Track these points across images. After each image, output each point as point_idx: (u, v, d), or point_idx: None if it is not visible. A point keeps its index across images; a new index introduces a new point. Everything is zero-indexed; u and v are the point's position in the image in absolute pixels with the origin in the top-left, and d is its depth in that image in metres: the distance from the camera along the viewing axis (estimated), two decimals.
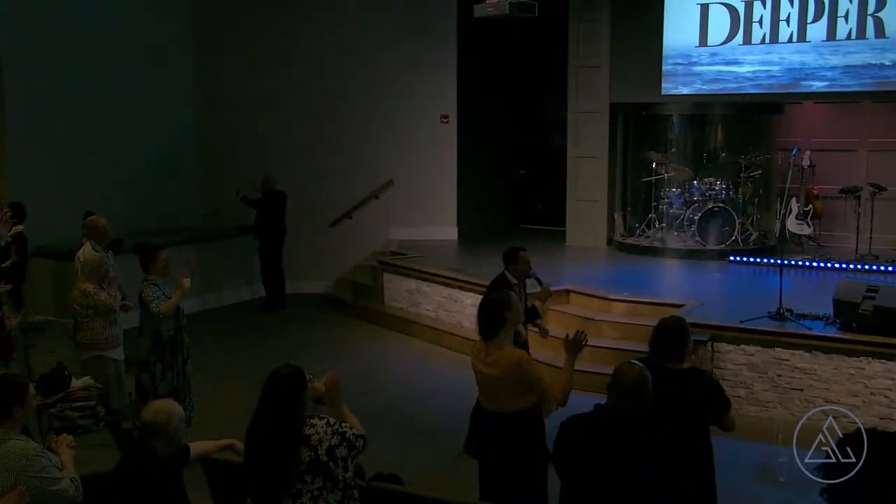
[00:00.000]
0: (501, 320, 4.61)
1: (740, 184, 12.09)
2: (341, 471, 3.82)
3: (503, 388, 4.54)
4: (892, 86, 11.05)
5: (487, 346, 4.63)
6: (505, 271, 6.83)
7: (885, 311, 7.33)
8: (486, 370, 4.61)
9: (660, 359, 4.28)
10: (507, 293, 4.91)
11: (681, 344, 4.32)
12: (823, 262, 10.95)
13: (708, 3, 11.97)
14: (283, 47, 13.04)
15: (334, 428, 3.85)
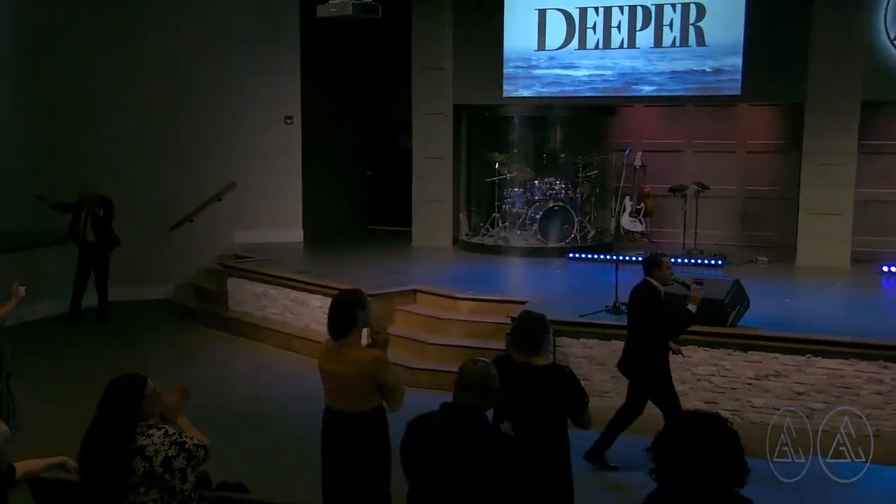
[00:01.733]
0: (353, 319, 4.59)
1: (578, 183, 12.59)
2: (179, 482, 3.74)
3: (354, 387, 4.53)
4: (712, 91, 11.83)
5: (338, 345, 4.60)
6: (648, 279, 6.56)
7: (710, 302, 7.82)
8: (335, 369, 4.58)
9: (518, 354, 4.34)
10: (359, 292, 4.85)
11: (541, 339, 4.38)
12: None
13: (545, 9, 12.39)
14: (120, 48, 12.39)
15: (172, 438, 3.77)
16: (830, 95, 11.10)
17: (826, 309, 9.07)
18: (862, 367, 7.36)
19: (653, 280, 6.53)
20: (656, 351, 6.54)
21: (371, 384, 4.51)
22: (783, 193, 12.47)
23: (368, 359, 4.55)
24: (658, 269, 6.52)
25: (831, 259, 11.13)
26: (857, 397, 7.35)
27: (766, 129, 13.04)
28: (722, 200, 12.79)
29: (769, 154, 12.92)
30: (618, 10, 12.07)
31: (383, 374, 4.53)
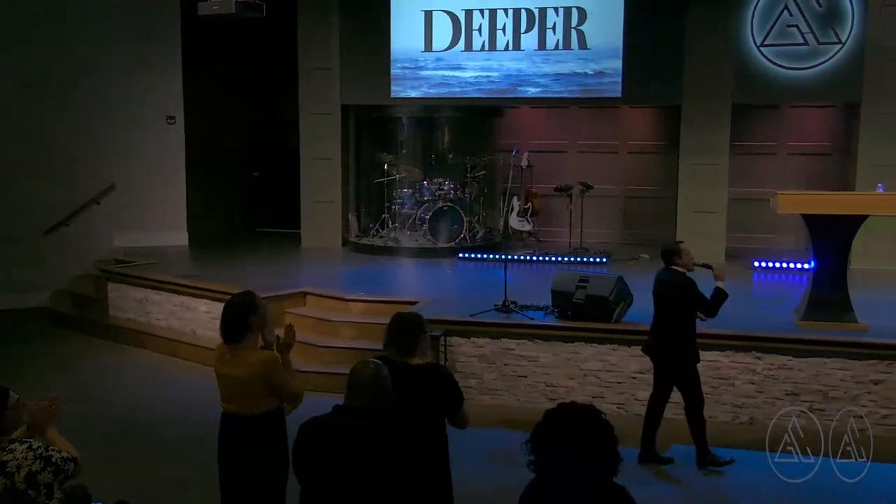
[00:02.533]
0: (246, 324, 4.53)
1: (467, 184, 12.73)
2: (44, 498, 3.60)
3: (248, 390, 4.48)
4: (594, 93, 12.16)
5: (232, 350, 4.54)
6: (673, 267, 6.69)
7: (595, 299, 8.05)
8: (230, 372, 4.51)
9: (395, 354, 4.37)
10: (253, 296, 4.75)
11: (416, 339, 4.41)
12: (542, 256, 11.81)
13: (431, 11, 12.46)
14: None
15: (37, 452, 3.62)
16: (704, 98, 11.59)
17: None
18: (737, 358, 7.71)
19: (678, 268, 6.69)
20: (689, 337, 6.71)
21: (265, 386, 4.47)
22: (662, 192, 12.95)
23: (261, 360, 4.50)
24: (679, 256, 6.69)
25: (707, 255, 11.56)
26: (732, 387, 7.69)
27: (646, 130, 13.52)
28: (605, 199, 13.18)
29: (649, 154, 13.39)
30: (503, 13, 12.26)
31: (278, 376, 4.49)
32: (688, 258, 6.70)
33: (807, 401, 7.50)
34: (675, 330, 6.68)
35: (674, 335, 6.68)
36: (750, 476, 6.51)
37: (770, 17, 11.38)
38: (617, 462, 2.95)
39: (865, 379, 7.38)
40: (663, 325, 6.76)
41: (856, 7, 11.12)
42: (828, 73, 11.30)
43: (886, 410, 7.36)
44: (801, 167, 12.46)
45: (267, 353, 4.60)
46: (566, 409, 3.03)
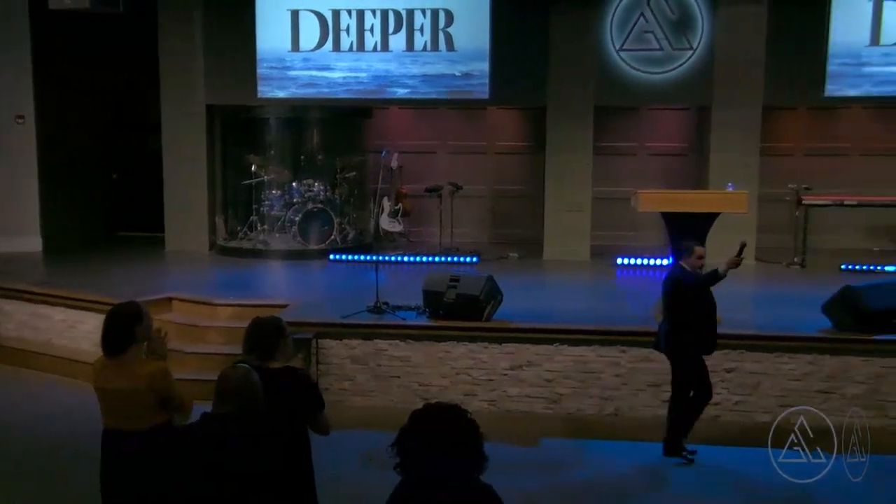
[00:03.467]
0: (131, 335, 4.33)
1: (337, 185, 12.63)
2: None
3: (137, 404, 4.26)
4: (462, 94, 12.31)
5: (116, 362, 4.31)
6: (680, 263, 6.77)
7: (466, 298, 8.15)
8: (112, 386, 4.28)
9: (253, 359, 4.29)
10: (137, 305, 4.54)
11: (275, 343, 4.35)
12: (413, 257, 11.86)
13: (298, 10, 12.30)
14: None
15: None
16: (568, 100, 11.93)
17: (571, 300, 9.72)
18: (603, 352, 7.97)
19: (685, 265, 6.77)
20: (689, 330, 6.72)
21: (154, 398, 4.27)
22: (530, 192, 13.24)
23: (150, 372, 4.29)
24: (689, 256, 6.76)
25: (574, 253, 11.97)
26: (598, 380, 7.94)
27: (514, 130, 13.79)
28: (475, 199, 13.37)
29: (517, 155, 13.67)
30: (370, 14, 12.24)
31: (167, 387, 4.30)
32: (697, 261, 6.77)
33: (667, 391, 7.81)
34: (670, 321, 6.81)
35: (669, 327, 6.82)
36: None
37: (627, 23, 11.84)
38: (483, 461, 2.98)
39: (719, 368, 7.76)
40: (665, 317, 6.91)
41: (705, 15, 11.70)
42: (682, 78, 11.84)
43: (738, 397, 7.77)
44: (660, 167, 13.01)
45: (156, 364, 4.39)
46: (431, 410, 3.04)
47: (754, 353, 7.77)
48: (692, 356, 6.72)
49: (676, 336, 6.72)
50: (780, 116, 12.79)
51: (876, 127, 12.85)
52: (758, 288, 10.70)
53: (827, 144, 12.91)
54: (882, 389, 7.56)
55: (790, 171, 12.20)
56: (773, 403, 7.69)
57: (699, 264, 6.76)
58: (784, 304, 9.13)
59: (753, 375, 7.75)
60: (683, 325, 6.68)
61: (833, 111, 12.84)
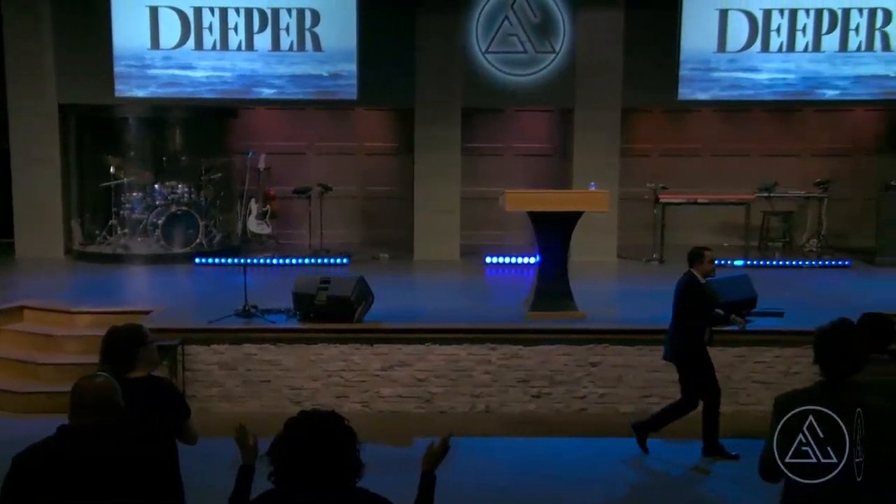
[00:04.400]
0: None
1: (202, 186, 12.30)
2: None
3: None
4: (330, 95, 12.23)
5: None
6: (691, 270, 6.68)
7: (337, 300, 8.10)
8: None
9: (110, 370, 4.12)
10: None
11: (133, 352, 4.20)
12: (283, 259, 11.69)
13: (157, 7, 11.89)
14: None
15: None
16: (436, 102, 12.04)
17: (441, 299, 9.81)
18: (473, 350, 8.09)
19: (695, 272, 6.72)
20: (696, 337, 6.68)
21: None
22: (400, 192, 13.28)
23: None
24: (700, 262, 6.72)
25: (444, 253, 12.09)
26: (470, 378, 8.06)
27: (383, 131, 13.80)
28: (344, 201, 13.29)
29: (386, 156, 13.69)
30: (234, 12, 11.97)
31: None
32: (709, 266, 6.78)
33: (536, 386, 8.03)
34: (675, 326, 6.84)
35: (673, 331, 6.85)
36: None
37: (492, 26, 12.05)
38: (359, 468, 2.98)
39: (585, 362, 8.03)
40: (672, 326, 6.90)
41: (566, 19, 12.06)
42: (546, 81, 12.16)
43: (603, 390, 8.05)
44: (527, 167, 13.31)
45: None
46: (307, 417, 3.02)
47: (617, 346, 8.07)
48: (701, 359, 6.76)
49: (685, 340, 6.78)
50: (638, 118, 13.33)
51: (725, 129, 13.58)
52: (619, 284, 11.12)
53: (681, 145, 13.55)
54: (733, 377, 8.00)
55: (648, 171, 12.73)
56: (636, 395, 8.01)
57: (710, 269, 6.79)
58: (644, 299, 9.51)
59: (616, 368, 8.05)
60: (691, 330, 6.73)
61: (686, 114, 13.50)
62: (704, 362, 6.73)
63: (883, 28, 12.18)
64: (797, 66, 12.31)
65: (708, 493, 6.32)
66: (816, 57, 12.27)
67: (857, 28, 12.20)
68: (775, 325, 8.23)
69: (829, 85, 12.35)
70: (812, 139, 13.54)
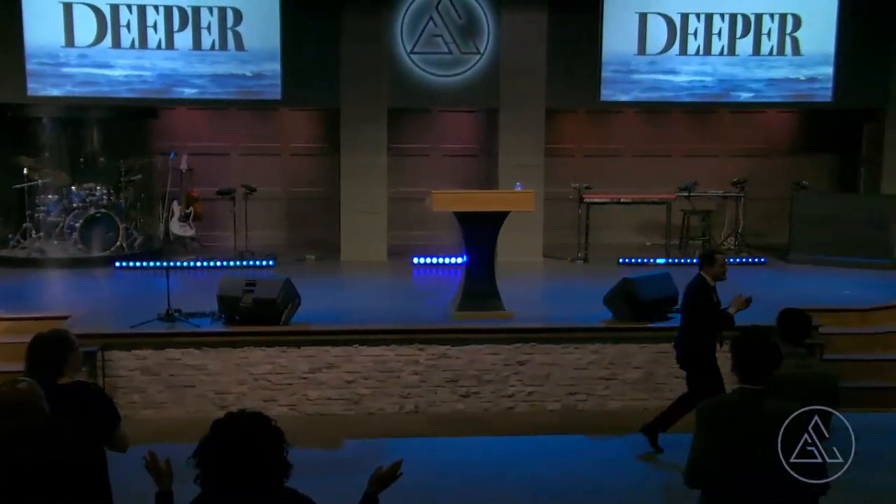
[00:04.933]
0: None
1: (122, 188, 12.01)
2: None
3: None
4: (254, 95, 12.07)
5: None
6: (701, 273, 6.64)
7: (263, 302, 8.00)
8: None
9: (39, 377, 4.01)
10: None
11: (62, 358, 4.10)
12: (207, 261, 11.50)
13: (72, 3, 11.55)
14: None
15: None
16: (361, 102, 11.99)
17: (369, 300, 9.79)
18: (402, 350, 8.09)
19: (706, 275, 6.68)
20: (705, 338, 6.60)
21: None
22: (326, 193, 13.19)
23: None
24: (711, 265, 6.68)
25: (371, 253, 12.06)
26: (398, 379, 8.06)
27: (308, 131, 13.68)
28: (270, 202, 13.13)
29: (312, 156, 13.57)
30: (153, 10, 11.71)
31: None
32: (720, 269, 6.72)
33: (464, 385, 8.07)
34: (685, 328, 6.82)
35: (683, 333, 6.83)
36: None
37: (417, 27, 12.07)
38: (287, 468, 2.97)
39: (513, 361, 8.11)
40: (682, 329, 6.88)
41: (490, 21, 12.15)
42: (471, 81, 12.23)
43: (531, 388, 8.14)
44: (453, 167, 13.36)
45: None
46: (234, 418, 3.00)
47: (544, 345, 8.17)
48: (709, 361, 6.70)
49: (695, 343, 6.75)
50: (563, 119, 13.52)
51: (646, 130, 13.88)
52: (545, 283, 11.27)
53: (604, 146, 13.79)
54: (657, 373, 8.19)
55: (572, 171, 12.91)
56: (563, 392, 8.13)
57: (722, 272, 6.75)
58: (570, 298, 9.67)
59: (544, 367, 8.15)
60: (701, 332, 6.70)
61: (608, 115, 13.74)
62: (712, 365, 6.68)
63: (793, 33, 12.63)
64: (714, 68, 12.66)
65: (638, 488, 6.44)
66: (731, 60, 12.65)
67: (769, 33, 12.62)
68: None
69: (744, 87, 12.75)
70: (729, 140, 13.94)
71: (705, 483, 3.66)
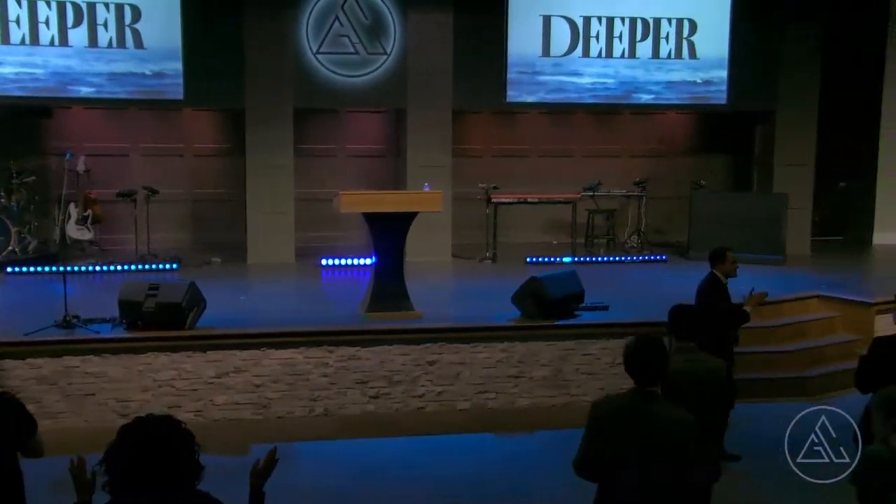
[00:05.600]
0: None
1: (13, 190, 11.51)
2: None
3: None
4: (154, 94, 11.75)
5: None
6: (714, 271, 6.72)
7: (167, 306, 7.79)
8: None
9: None
10: None
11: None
12: (107, 266, 11.13)
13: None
14: None
15: None
16: (267, 102, 11.82)
17: (277, 302, 9.65)
18: (311, 353, 8.00)
19: (717, 273, 6.76)
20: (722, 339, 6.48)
21: None
22: (231, 195, 12.95)
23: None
24: (721, 262, 6.77)
25: (278, 255, 11.90)
26: (307, 382, 7.97)
27: (213, 132, 13.40)
28: (173, 204, 12.81)
29: (216, 157, 13.30)
30: (44, 5, 11.27)
31: None
32: (731, 266, 6.82)
33: (374, 387, 8.04)
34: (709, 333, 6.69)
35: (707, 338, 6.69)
36: None
37: (323, 27, 11.97)
38: (199, 469, 2.96)
39: (423, 361, 8.12)
40: None
41: (396, 21, 12.15)
42: (378, 82, 12.21)
43: (441, 388, 8.17)
44: (361, 168, 13.31)
45: None
46: (142, 422, 2.97)
47: (453, 344, 8.21)
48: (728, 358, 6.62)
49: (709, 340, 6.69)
50: (470, 120, 13.63)
51: (552, 131, 14.11)
52: (455, 283, 11.33)
53: (511, 146, 13.96)
54: (564, 370, 8.33)
55: (480, 172, 13.03)
56: (472, 391, 8.19)
57: (733, 269, 6.84)
58: (479, 297, 9.75)
59: (453, 366, 8.19)
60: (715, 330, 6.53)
61: (515, 116, 13.92)
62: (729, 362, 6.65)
63: (689, 38, 13.05)
64: (615, 71, 12.98)
65: (547, 484, 6.54)
66: (632, 63, 12.98)
67: (667, 37, 13.01)
68: (601, 318, 8.63)
69: (644, 89, 13.11)
70: (631, 141, 14.30)
71: (592, 477, 3.82)
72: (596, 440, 3.76)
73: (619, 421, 3.73)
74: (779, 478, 6.07)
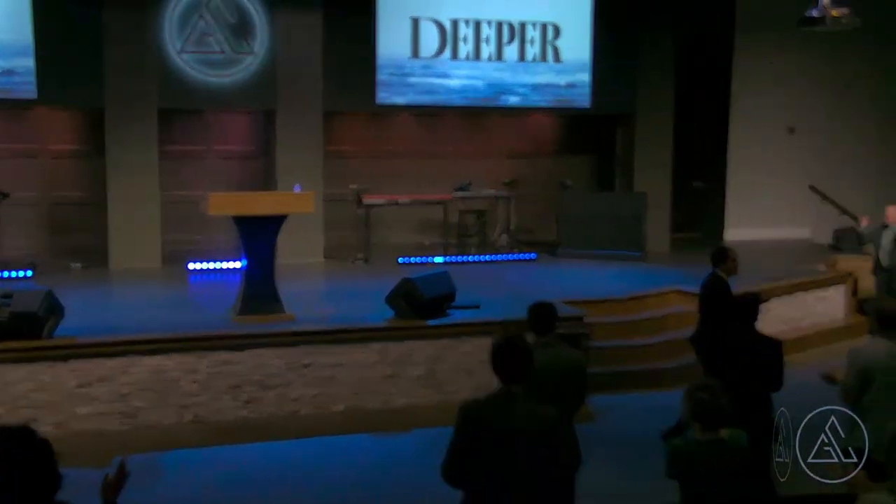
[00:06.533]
0: None
1: None
2: None
3: None
4: (4, 92, 11.17)
5: None
6: (716, 270, 6.81)
7: (22, 316, 7.40)
8: None
9: None
10: None
11: None
12: None
13: None
14: None
15: None
16: (129, 101, 11.42)
17: (143, 308, 9.32)
18: (181, 359, 7.77)
19: (720, 272, 6.82)
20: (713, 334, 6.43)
21: None
22: (91, 198, 12.40)
23: None
24: (724, 261, 6.84)
25: (143, 260, 11.50)
26: (178, 388, 7.74)
27: (70, 133, 12.78)
28: (26, 207, 12.16)
29: (74, 158, 12.70)
30: None
31: None
32: (733, 264, 6.90)
33: (247, 391, 7.90)
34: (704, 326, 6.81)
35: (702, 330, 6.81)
36: None
37: (187, 25, 11.66)
38: (57, 479, 2.90)
39: (297, 364, 8.03)
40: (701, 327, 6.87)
41: (263, 21, 11.97)
42: (245, 82, 12.00)
43: (316, 390, 8.11)
44: (230, 169, 13.01)
45: None
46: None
47: (328, 346, 8.15)
48: None
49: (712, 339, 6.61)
50: (341, 121, 13.56)
51: (422, 132, 14.24)
52: (327, 284, 11.26)
53: (383, 147, 13.99)
54: (438, 368, 8.42)
55: (353, 173, 13.00)
56: (348, 392, 8.16)
57: (734, 267, 6.91)
58: (352, 298, 9.72)
59: (328, 368, 8.14)
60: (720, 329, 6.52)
61: (386, 117, 13.95)
62: None
63: (554, 42, 13.45)
64: (484, 73, 13.23)
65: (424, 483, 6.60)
66: (500, 66, 13.27)
67: (533, 41, 13.37)
68: (472, 316, 8.77)
69: (512, 92, 13.42)
70: (500, 142, 14.60)
71: (458, 480, 3.75)
72: (461, 442, 3.74)
73: (482, 422, 3.73)
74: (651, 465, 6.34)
